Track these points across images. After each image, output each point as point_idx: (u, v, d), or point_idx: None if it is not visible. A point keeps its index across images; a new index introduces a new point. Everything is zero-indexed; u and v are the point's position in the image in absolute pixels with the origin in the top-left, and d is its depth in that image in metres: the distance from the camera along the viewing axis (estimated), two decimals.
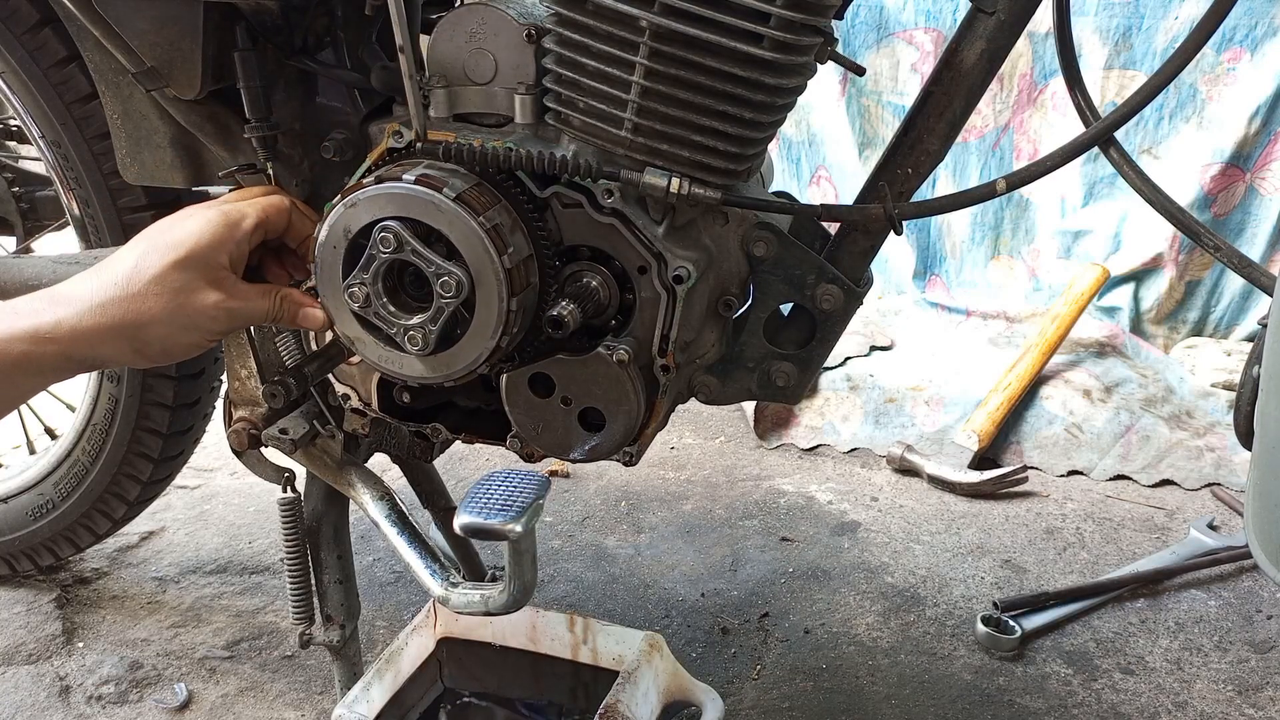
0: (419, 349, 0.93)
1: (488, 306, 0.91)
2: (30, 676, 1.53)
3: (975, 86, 0.97)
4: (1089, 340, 2.44)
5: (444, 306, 0.91)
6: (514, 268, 0.91)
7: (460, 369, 0.95)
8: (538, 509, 0.91)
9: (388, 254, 0.90)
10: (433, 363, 0.95)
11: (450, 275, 0.89)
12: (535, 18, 0.94)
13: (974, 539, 1.91)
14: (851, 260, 1.04)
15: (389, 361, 0.97)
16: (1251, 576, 1.78)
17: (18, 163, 1.55)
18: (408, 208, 0.90)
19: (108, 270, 0.84)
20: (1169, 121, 2.54)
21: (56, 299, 0.82)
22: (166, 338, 0.85)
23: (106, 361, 0.84)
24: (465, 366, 0.95)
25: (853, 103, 2.71)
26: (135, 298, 0.82)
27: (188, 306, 0.84)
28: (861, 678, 1.54)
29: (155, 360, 0.86)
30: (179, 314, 0.84)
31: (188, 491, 2.05)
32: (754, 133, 0.92)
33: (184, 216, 0.88)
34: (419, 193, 0.89)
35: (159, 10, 1.00)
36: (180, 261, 0.84)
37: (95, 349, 0.83)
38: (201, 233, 0.86)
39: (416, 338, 0.93)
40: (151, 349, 0.85)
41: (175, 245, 0.85)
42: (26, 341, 0.79)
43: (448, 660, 1.31)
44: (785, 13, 0.84)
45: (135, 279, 0.83)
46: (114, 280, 0.83)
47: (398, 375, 0.98)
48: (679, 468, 2.18)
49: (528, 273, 0.95)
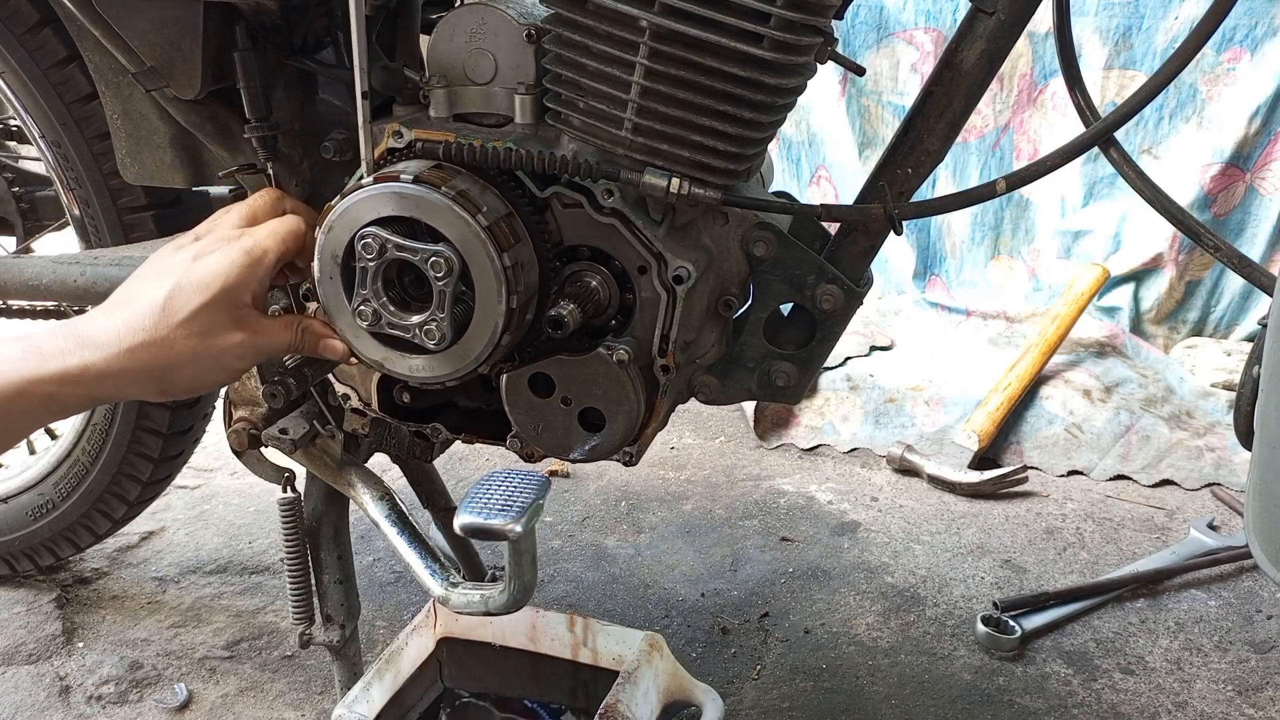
0: (437, 342, 0.93)
1: (484, 274, 0.90)
2: (30, 676, 1.53)
3: (975, 86, 0.97)
4: (1089, 340, 2.44)
5: (444, 290, 0.90)
6: (492, 224, 0.90)
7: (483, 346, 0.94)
8: (538, 509, 0.91)
9: (374, 260, 0.90)
10: (451, 355, 0.95)
11: (438, 256, 0.89)
12: (535, 18, 0.94)
13: (974, 539, 1.91)
14: (851, 260, 1.04)
15: (418, 369, 0.97)
16: (1251, 576, 1.78)
17: (18, 163, 1.55)
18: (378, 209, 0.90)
19: (134, 310, 0.83)
20: (1169, 121, 2.54)
21: (84, 341, 0.82)
22: (193, 378, 0.85)
23: (129, 398, 0.85)
24: (487, 343, 0.94)
25: (853, 103, 2.71)
26: (164, 343, 0.83)
27: (215, 348, 0.85)
28: (861, 678, 1.54)
29: (178, 397, 0.88)
30: (206, 355, 0.85)
31: (188, 491, 2.05)
32: (754, 133, 0.92)
33: (207, 249, 0.87)
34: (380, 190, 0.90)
35: (159, 10, 1.00)
36: (208, 304, 0.84)
37: (121, 390, 0.83)
38: (228, 273, 0.85)
39: (433, 332, 0.92)
40: (177, 389, 0.86)
41: (203, 287, 0.84)
42: (54, 384, 0.79)
43: (448, 660, 1.31)
44: (785, 13, 0.84)
45: (164, 323, 0.83)
46: (141, 324, 0.83)
47: (430, 379, 0.97)
48: (679, 468, 2.18)
49: (513, 229, 0.94)
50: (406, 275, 0.94)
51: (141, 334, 0.82)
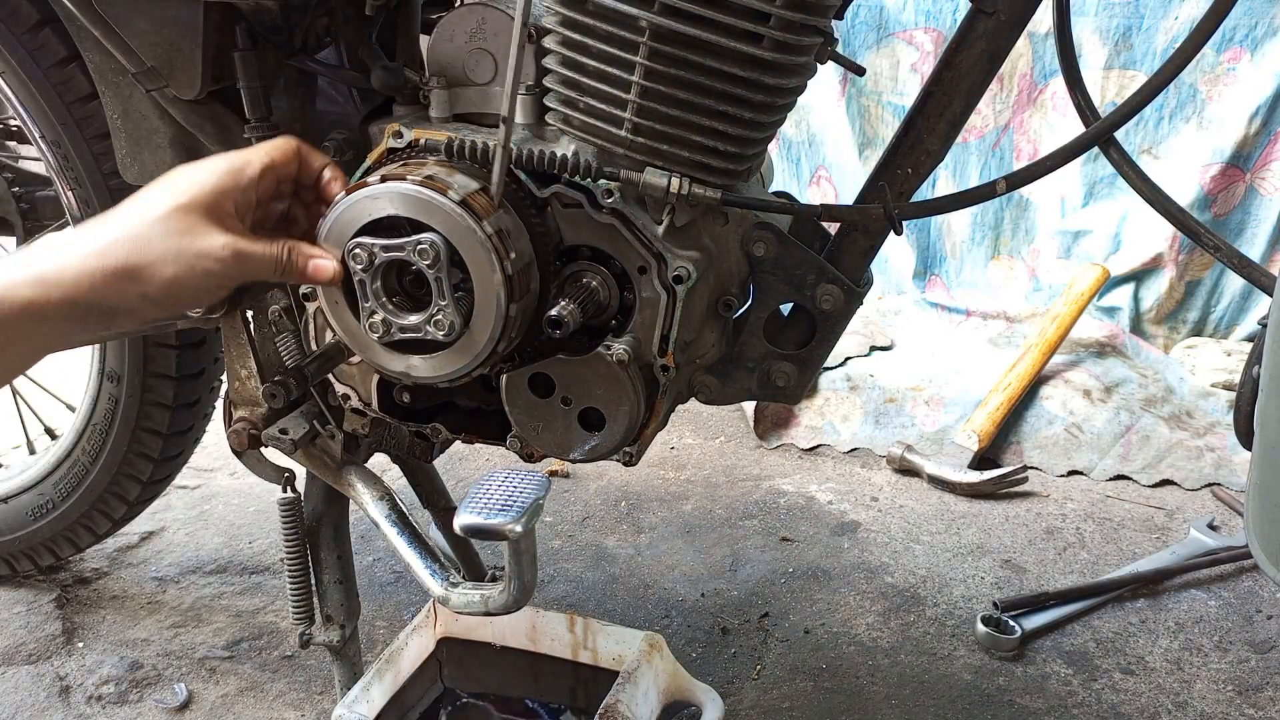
0: (447, 332, 0.92)
1: (471, 249, 0.90)
2: (30, 676, 1.53)
3: (975, 86, 0.97)
4: (1089, 340, 2.44)
5: (438, 275, 0.90)
6: (465, 198, 0.90)
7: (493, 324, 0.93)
8: (538, 509, 0.91)
9: (365, 270, 0.90)
10: (466, 343, 0.94)
11: (421, 243, 0.89)
12: (535, 18, 0.94)
13: (974, 539, 1.91)
14: (851, 260, 1.04)
15: (441, 368, 0.96)
16: (1251, 576, 1.78)
17: (18, 163, 1.55)
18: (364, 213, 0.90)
19: (112, 215, 0.83)
20: (1169, 121, 2.54)
21: (61, 245, 0.81)
22: (173, 280, 0.83)
23: (115, 309, 0.82)
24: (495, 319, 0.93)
25: (853, 103, 2.71)
26: (138, 238, 0.81)
27: (193, 247, 0.83)
28: (861, 678, 1.54)
29: (164, 306, 0.84)
30: (184, 255, 0.83)
31: (188, 491, 2.05)
32: (754, 133, 0.92)
33: (191, 165, 0.87)
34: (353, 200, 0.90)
35: (159, 10, 1.00)
36: (185, 205, 0.83)
37: (99, 292, 0.81)
38: (206, 179, 0.85)
39: (442, 321, 0.92)
40: (158, 291, 0.83)
41: (181, 190, 0.84)
42: (30, 286, 0.77)
43: (448, 660, 1.31)
44: (785, 13, 0.84)
45: (138, 221, 0.82)
46: (118, 223, 0.82)
47: (454, 372, 0.96)
48: (679, 468, 2.18)
49: (488, 197, 0.93)
50: (406, 277, 0.94)
51: (117, 229, 0.81)
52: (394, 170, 0.92)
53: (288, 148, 0.91)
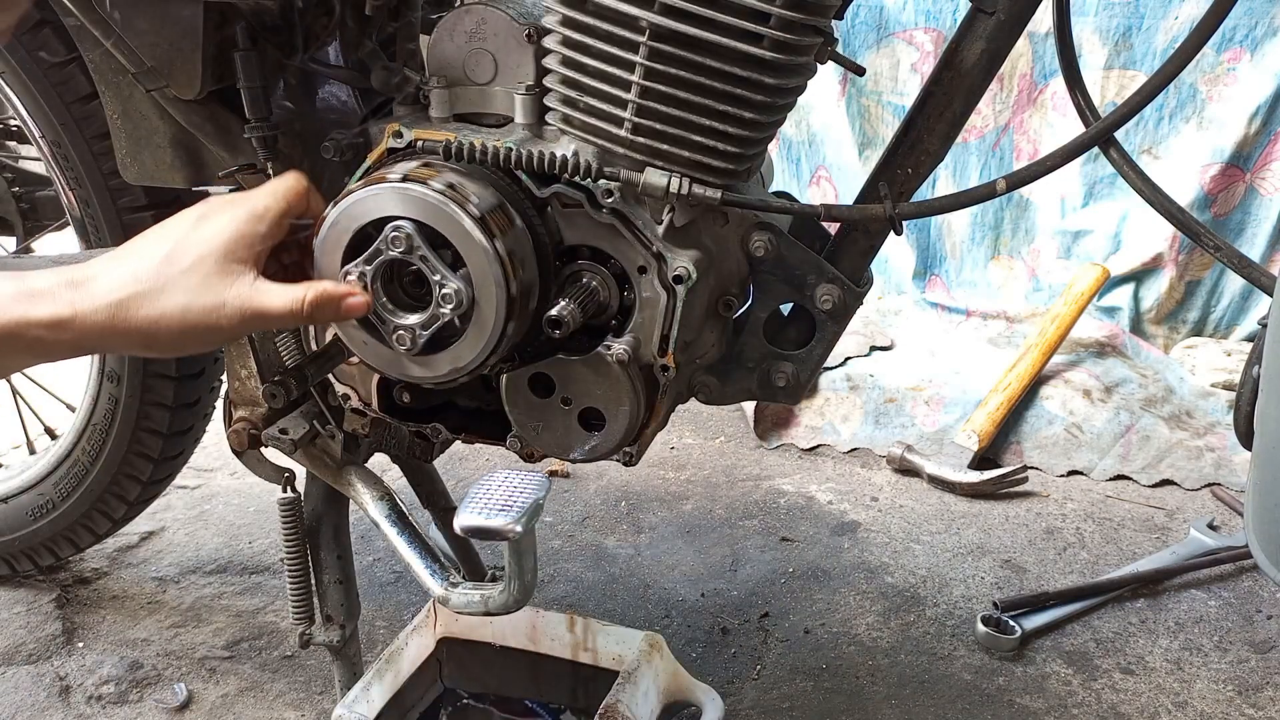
0: (406, 349, 0.92)
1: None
2: (30, 676, 1.53)
3: (975, 86, 0.97)
4: (1089, 340, 2.44)
5: (440, 316, 0.90)
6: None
7: (445, 373, 0.94)
8: (538, 509, 0.91)
9: (396, 254, 0.90)
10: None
11: (454, 288, 0.88)
12: (535, 18, 0.94)
13: (974, 539, 1.91)
14: (851, 260, 1.04)
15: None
16: (1251, 576, 1.78)
17: (18, 163, 1.55)
18: (427, 214, 0.89)
19: (134, 263, 0.83)
20: (1169, 121, 2.54)
21: (77, 287, 0.81)
22: (179, 339, 0.83)
23: (115, 352, 0.85)
24: (450, 371, 0.94)
25: (853, 103, 2.70)
26: (156, 294, 0.82)
27: (207, 303, 0.83)
28: (861, 678, 1.54)
29: (169, 353, 0.86)
30: (192, 314, 0.83)
31: (188, 491, 2.05)
32: (754, 132, 0.92)
33: (211, 212, 0.87)
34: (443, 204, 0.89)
35: (159, 10, 1.00)
36: (206, 256, 0.83)
37: (106, 343, 0.83)
38: (229, 229, 0.85)
39: (405, 338, 0.92)
40: (163, 348, 0.84)
41: (203, 241, 0.84)
42: (43, 328, 0.79)
43: (448, 660, 1.31)
44: (785, 13, 0.84)
45: (160, 274, 0.82)
46: (137, 276, 0.82)
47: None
48: (679, 468, 2.18)
49: (527, 294, 0.94)
50: (405, 278, 0.94)
51: (135, 285, 0.81)
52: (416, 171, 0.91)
53: (299, 188, 0.90)
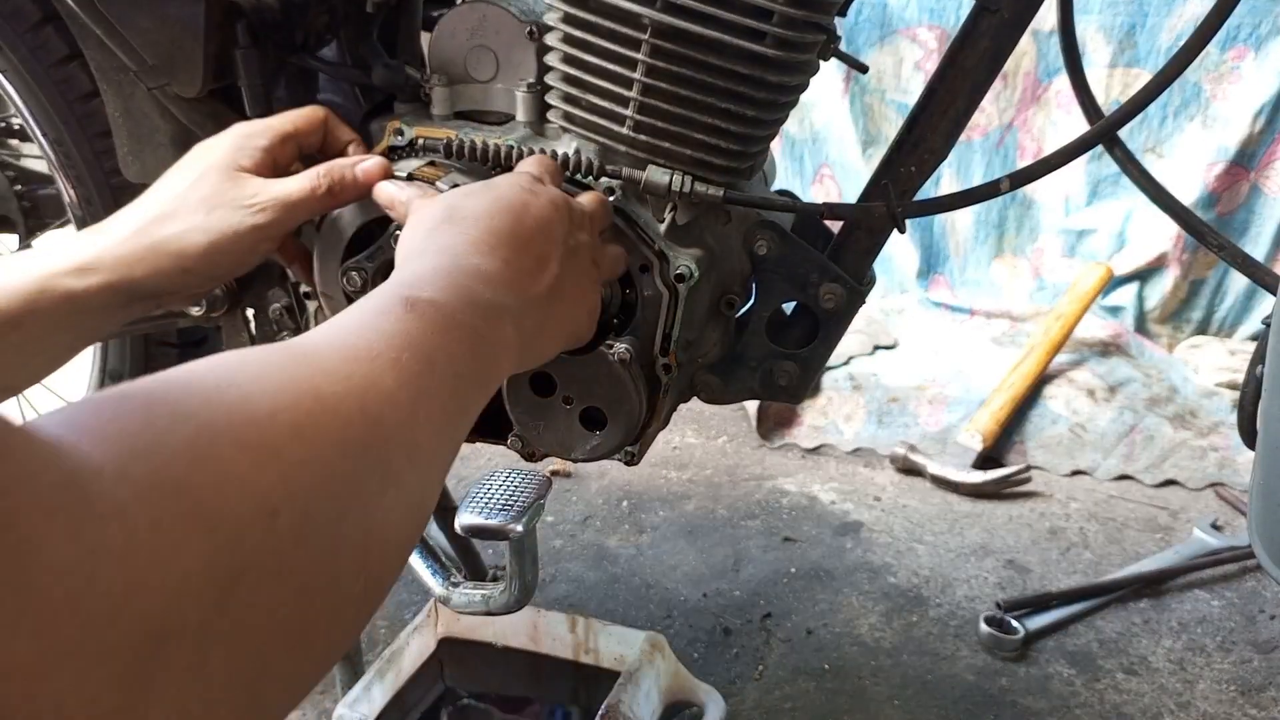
0: None
1: None
2: None
3: (979, 84, 0.96)
4: (1093, 339, 2.43)
5: None
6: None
7: None
8: (539, 508, 0.91)
9: (365, 287, 0.90)
10: None
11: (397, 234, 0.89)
12: (537, 15, 0.94)
13: (977, 539, 1.91)
14: (854, 259, 1.04)
15: None
16: (1255, 577, 1.77)
17: (20, 161, 1.54)
18: None
19: (143, 200, 0.85)
20: (1173, 120, 2.53)
21: (98, 230, 0.83)
22: (210, 247, 0.83)
23: (157, 289, 0.82)
24: None
25: (856, 101, 2.70)
26: (166, 215, 0.83)
27: (222, 208, 0.83)
28: (864, 678, 1.53)
29: (205, 274, 0.84)
30: (214, 218, 0.83)
31: None
32: (757, 130, 0.92)
33: (217, 136, 0.89)
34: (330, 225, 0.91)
35: (161, 8, 0.99)
36: (204, 171, 0.84)
37: (136, 271, 0.81)
38: (222, 142, 0.87)
39: None
40: (197, 262, 0.83)
41: (199, 158, 0.86)
42: (70, 275, 0.78)
43: (449, 660, 1.31)
44: (788, 10, 0.84)
45: (171, 201, 0.83)
46: (150, 205, 0.84)
47: None
48: (681, 467, 2.18)
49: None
50: None
51: (153, 209, 0.83)
52: (421, 170, 0.91)
53: (314, 117, 0.91)
